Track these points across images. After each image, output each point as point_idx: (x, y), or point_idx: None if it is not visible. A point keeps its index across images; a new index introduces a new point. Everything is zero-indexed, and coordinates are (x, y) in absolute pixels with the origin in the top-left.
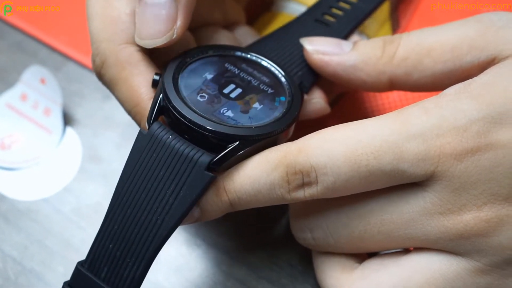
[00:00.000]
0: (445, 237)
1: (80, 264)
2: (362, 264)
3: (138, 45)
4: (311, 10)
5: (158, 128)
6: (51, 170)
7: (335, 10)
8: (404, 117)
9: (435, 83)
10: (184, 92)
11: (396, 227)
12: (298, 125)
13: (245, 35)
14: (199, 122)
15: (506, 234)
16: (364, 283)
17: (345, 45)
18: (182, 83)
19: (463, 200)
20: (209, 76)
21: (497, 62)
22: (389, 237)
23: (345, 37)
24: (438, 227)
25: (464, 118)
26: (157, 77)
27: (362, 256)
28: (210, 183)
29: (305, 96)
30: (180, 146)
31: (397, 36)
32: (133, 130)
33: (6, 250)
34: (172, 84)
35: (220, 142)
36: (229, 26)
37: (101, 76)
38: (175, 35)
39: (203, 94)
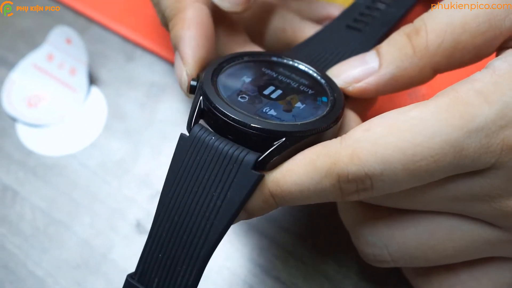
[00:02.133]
0: (491, 214)
1: (130, 276)
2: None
3: None
4: (342, 16)
5: (199, 130)
6: (77, 127)
7: (366, 16)
8: (463, 108)
9: (477, 55)
10: (224, 94)
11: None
12: None
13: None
14: (244, 120)
15: None
16: (387, 225)
17: (370, 58)
18: (220, 86)
19: None
20: (247, 79)
21: None
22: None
23: (378, 41)
24: (485, 207)
25: None
26: (194, 83)
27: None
28: (258, 183)
29: None
30: (224, 147)
31: (418, 22)
32: (156, 90)
33: (35, 202)
34: (212, 87)
35: (265, 139)
36: None
37: None
38: (251, 4)
39: (244, 95)
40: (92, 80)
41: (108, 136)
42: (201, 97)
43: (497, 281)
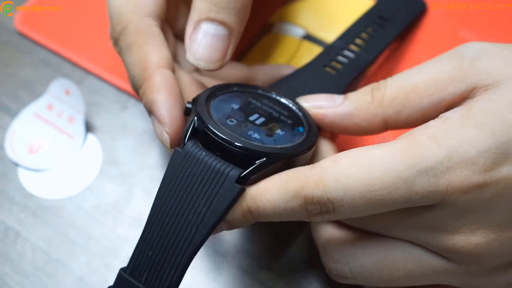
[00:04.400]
0: (436, 246)
1: (123, 270)
2: (355, 229)
3: (156, 20)
4: (320, 56)
5: (192, 146)
6: (74, 171)
7: (341, 58)
8: (416, 150)
9: (424, 117)
10: (215, 117)
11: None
12: None
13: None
14: (231, 139)
15: (489, 254)
16: (351, 244)
17: (338, 98)
18: (212, 110)
19: (460, 224)
20: (235, 106)
21: (478, 91)
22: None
23: (350, 83)
24: (432, 239)
25: (472, 149)
26: (189, 105)
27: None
28: (239, 195)
29: None
30: (213, 161)
31: (382, 81)
32: (147, 137)
33: (35, 241)
34: (205, 109)
35: (248, 158)
36: None
37: (117, 42)
38: (224, 63)
39: (232, 119)
40: (89, 128)
41: (103, 179)
42: (195, 117)
43: None
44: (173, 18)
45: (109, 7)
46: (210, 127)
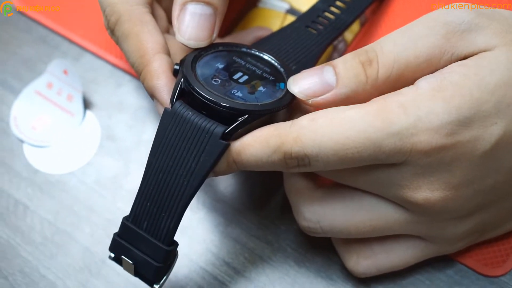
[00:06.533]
0: (400, 199)
1: (125, 218)
2: (324, 189)
3: (147, 7)
4: (303, 17)
5: (180, 106)
6: (75, 147)
7: (322, 19)
8: (385, 115)
9: None
10: (201, 77)
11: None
12: None
13: None
14: (215, 99)
15: (446, 209)
16: (320, 205)
17: (327, 74)
18: (198, 71)
19: (420, 183)
20: (220, 65)
21: (464, 58)
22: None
23: (330, 43)
24: (396, 194)
25: (437, 121)
26: (177, 67)
27: (324, 180)
28: (224, 150)
29: None
30: (199, 120)
31: (370, 50)
32: (142, 113)
33: (42, 214)
34: (191, 71)
35: (232, 116)
36: None
37: (114, 32)
38: (212, 40)
39: (216, 79)
40: (87, 104)
41: (102, 155)
42: (182, 79)
43: (402, 255)
44: None
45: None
46: (195, 88)
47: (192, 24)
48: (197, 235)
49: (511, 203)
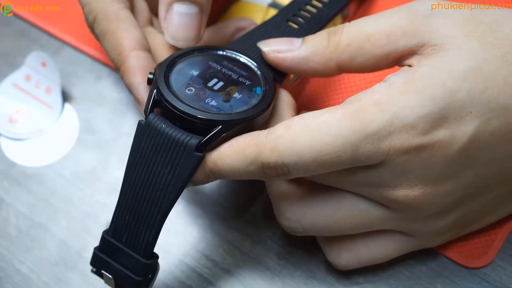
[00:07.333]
0: (380, 198)
1: (105, 232)
2: (304, 188)
3: (123, 2)
4: (283, 11)
5: (153, 118)
6: (52, 140)
7: (303, 13)
8: (361, 116)
9: (376, 65)
10: (175, 87)
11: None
12: None
13: None
14: (187, 111)
15: (425, 205)
16: (300, 204)
17: (296, 41)
18: (172, 79)
19: (400, 181)
20: (195, 73)
21: (426, 49)
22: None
23: None
24: (376, 193)
25: (412, 115)
26: (151, 76)
27: (305, 181)
28: (199, 162)
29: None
30: (173, 132)
31: (339, 26)
32: (122, 106)
33: (18, 207)
34: (164, 81)
35: (206, 127)
36: None
37: (93, 30)
38: (200, 38)
39: (191, 88)
40: (66, 97)
41: (80, 148)
42: (155, 90)
43: (383, 248)
44: None
45: None
46: (167, 99)
47: (180, 25)
48: (176, 227)
49: (492, 195)
